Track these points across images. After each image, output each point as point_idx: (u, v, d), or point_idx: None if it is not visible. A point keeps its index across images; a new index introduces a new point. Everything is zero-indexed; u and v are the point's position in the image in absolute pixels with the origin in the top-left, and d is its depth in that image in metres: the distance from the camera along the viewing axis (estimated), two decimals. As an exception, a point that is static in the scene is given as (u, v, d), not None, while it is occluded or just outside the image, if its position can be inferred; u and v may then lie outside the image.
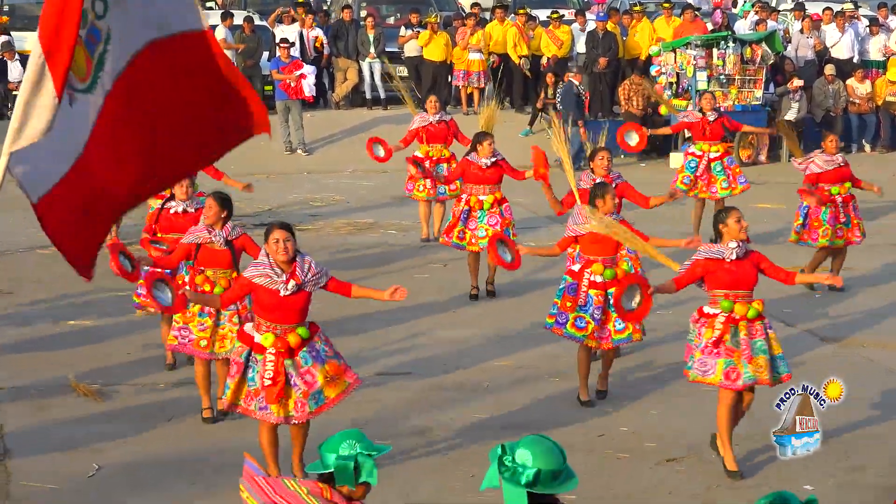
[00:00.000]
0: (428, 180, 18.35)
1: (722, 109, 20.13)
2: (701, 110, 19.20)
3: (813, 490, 10.29)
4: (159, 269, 11.77)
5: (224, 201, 11.81)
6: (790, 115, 25.80)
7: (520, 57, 27.87)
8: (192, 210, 13.03)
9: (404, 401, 12.95)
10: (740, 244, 10.59)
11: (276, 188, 23.24)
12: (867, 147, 25.86)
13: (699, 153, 18.78)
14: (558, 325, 12.32)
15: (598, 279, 12.12)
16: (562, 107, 25.22)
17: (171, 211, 13.14)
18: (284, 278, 9.93)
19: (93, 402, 12.84)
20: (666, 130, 21.64)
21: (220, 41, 25.65)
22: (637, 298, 11.02)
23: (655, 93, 24.31)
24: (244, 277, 10.21)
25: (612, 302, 11.69)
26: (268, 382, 9.88)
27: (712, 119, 18.86)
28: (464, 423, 12.37)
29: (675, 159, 25.23)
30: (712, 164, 18.67)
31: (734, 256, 10.55)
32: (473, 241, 15.80)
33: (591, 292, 12.10)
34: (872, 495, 10.67)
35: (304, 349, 10.04)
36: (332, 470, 6.61)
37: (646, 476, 11.27)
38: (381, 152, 19.10)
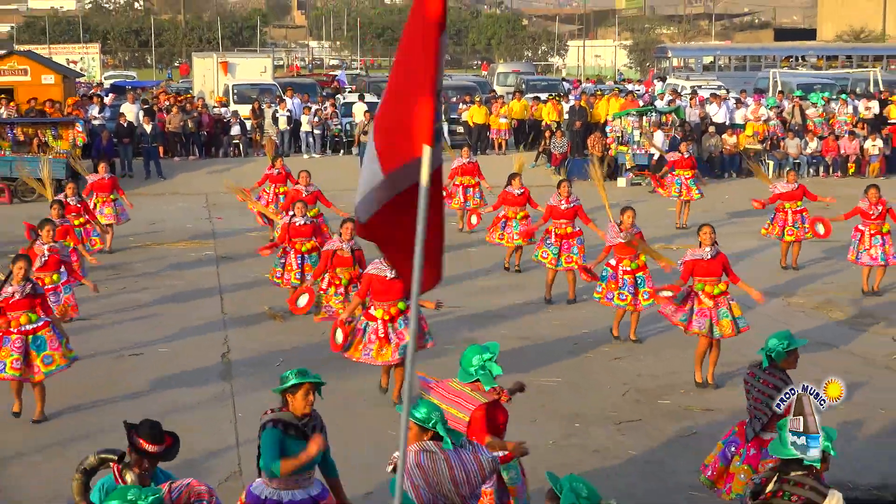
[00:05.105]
0: (460, 197, 18.31)
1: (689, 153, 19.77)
2: (679, 150, 19.63)
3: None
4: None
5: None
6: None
7: (552, 121, 27.58)
8: (308, 223, 13.00)
9: (457, 322, 12.79)
10: (713, 248, 10.32)
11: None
12: (734, 174, 25.34)
13: (680, 175, 19.16)
14: (607, 299, 11.86)
15: (628, 269, 11.78)
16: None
17: (297, 224, 12.97)
18: (388, 267, 9.45)
19: (279, 323, 12.80)
20: (662, 168, 20.78)
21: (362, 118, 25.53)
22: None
23: (649, 145, 23.92)
24: (366, 275, 9.81)
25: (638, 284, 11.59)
26: (374, 337, 9.60)
27: (687, 156, 19.27)
28: (494, 336, 12.16)
29: (621, 181, 24.91)
30: (688, 181, 19.02)
31: (709, 256, 10.30)
32: (508, 240, 15.19)
33: (625, 277, 11.75)
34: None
35: (401, 318, 9.66)
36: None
37: (607, 367, 11.11)
38: None
